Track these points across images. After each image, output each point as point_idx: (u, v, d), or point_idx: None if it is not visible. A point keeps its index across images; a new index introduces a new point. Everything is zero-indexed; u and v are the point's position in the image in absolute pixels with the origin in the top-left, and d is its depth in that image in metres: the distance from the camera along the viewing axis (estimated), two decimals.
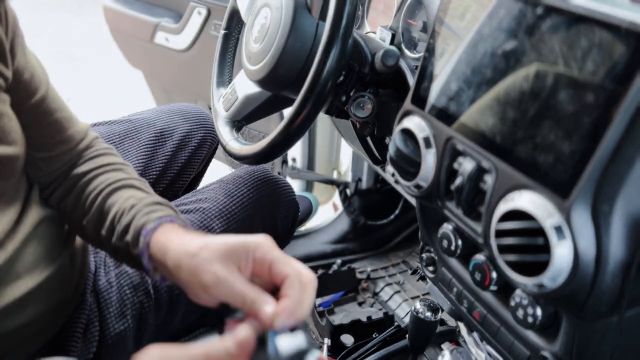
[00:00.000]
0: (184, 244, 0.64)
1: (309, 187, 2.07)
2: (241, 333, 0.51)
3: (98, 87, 3.60)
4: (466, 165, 0.66)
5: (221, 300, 0.59)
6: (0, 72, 0.68)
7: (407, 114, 0.78)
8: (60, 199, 0.82)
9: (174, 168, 1.21)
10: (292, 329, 0.53)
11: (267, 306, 0.55)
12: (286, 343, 0.51)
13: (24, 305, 0.73)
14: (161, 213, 0.73)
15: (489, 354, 0.82)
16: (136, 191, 0.79)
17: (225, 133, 1.09)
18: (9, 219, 0.72)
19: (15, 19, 0.70)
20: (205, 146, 1.27)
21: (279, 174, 1.83)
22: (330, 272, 1.55)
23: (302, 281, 0.57)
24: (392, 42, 0.98)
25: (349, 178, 1.88)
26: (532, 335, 0.69)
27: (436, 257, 0.89)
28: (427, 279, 0.94)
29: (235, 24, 1.18)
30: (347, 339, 1.35)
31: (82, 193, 0.80)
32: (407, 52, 0.95)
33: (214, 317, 1.01)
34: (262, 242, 0.60)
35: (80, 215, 0.80)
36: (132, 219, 0.73)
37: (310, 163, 1.96)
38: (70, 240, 0.85)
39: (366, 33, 1.06)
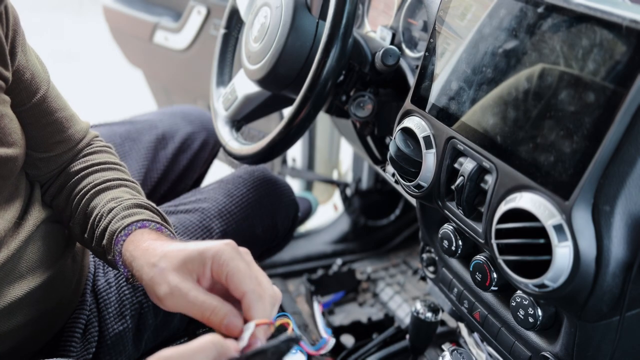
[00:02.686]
0: (147, 252, 0.62)
1: (309, 187, 2.06)
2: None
3: (98, 86, 3.60)
4: (467, 165, 0.66)
5: (179, 312, 0.56)
6: (0, 74, 0.68)
7: (407, 113, 0.78)
8: (53, 197, 0.82)
9: (176, 171, 1.20)
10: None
11: (235, 318, 0.52)
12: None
13: (25, 305, 0.73)
14: (136, 218, 0.71)
15: (490, 354, 0.82)
16: (120, 192, 0.78)
17: (224, 133, 1.08)
18: (11, 217, 0.71)
19: (16, 18, 0.70)
20: (207, 149, 1.27)
21: (279, 173, 1.83)
22: (330, 272, 1.55)
23: (260, 296, 0.54)
24: (392, 42, 0.97)
25: (349, 178, 1.87)
26: (532, 336, 0.69)
27: (437, 258, 0.89)
28: (428, 280, 0.93)
29: (235, 23, 1.18)
30: (348, 340, 1.34)
31: (70, 193, 0.80)
32: (407, 51, 0.94)
33: None
34: (220, 251, 0.55)
35: (69, 215, 0.80)
36: (109, 224, 0.72)
37: (310, 163, 1.96)
38: (72, 240, 0.85)
39: (366, 32, 1.06)
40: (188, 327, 0.99)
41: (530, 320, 0.66)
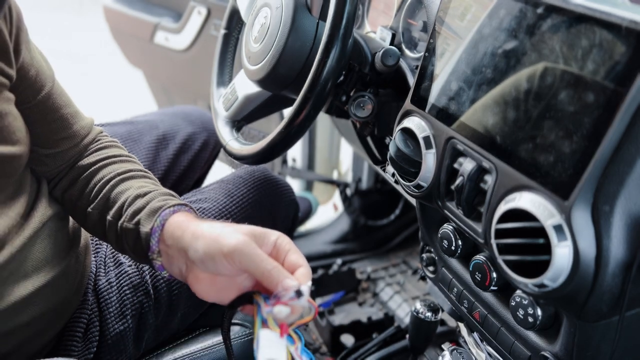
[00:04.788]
0: (202, 224, 0.67)
1: (309, 187, 2.06)
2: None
3: (98, 86, 3.60)
4: (466, 166, 0.66)
5: (242, 268, 0.61)
6: (3, 71, 0.68)
7: (407, 114, 0.78)
8: (64, 189, 0.82)
9: (177, 171, 1.21)
10: None
11: (289, 280, 0.59)
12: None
13: (29, 305, 0.73)
14: (178, 201, 0.75)
15: (489, 354, 0.82)
16: (145, 182, 0.80)
17: (225, 133, 1.08)
18: (15, 214, 0.71)
19: (19, 15, 0.70)
20: (207, 149, 1.27)
21: (279, 173, 1.83)
22: (331, 272, 1.55)
23: (310, 273, 0.63)
24: (392, 42, 0.97)
25: (349, 178, 1.88)
26: (532, 336, 0.69)
27: (436, 257, 0.89)
28: (428, 279, 0.94)
29: (235, 23, 1.18)
30: (347, 339, 1.35)
31: (88, 183, 0.81)
32: (407, 51, 0.95)
33: (214, 317, 1.01)
34: (282, 235, 0.66)
35: (85, 203, 0.80)
36: (149, 202, 0.74)
37: (310, 163, 1.96)
38: (77, 239, 0.85)
39: (366, 33, 1.06)
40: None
41: (530, 320, 0.66)
